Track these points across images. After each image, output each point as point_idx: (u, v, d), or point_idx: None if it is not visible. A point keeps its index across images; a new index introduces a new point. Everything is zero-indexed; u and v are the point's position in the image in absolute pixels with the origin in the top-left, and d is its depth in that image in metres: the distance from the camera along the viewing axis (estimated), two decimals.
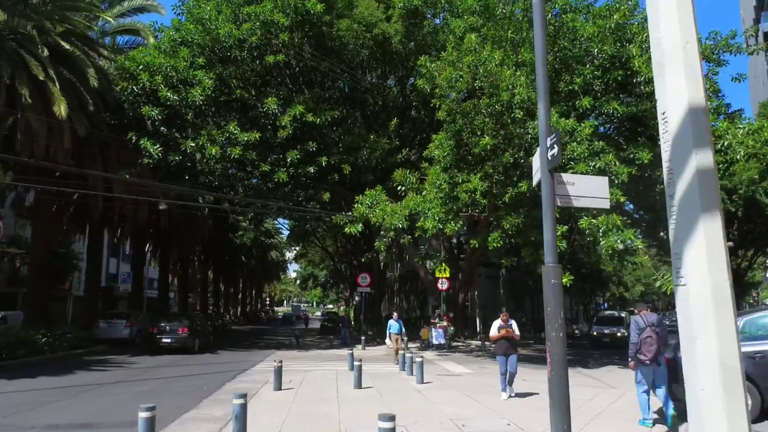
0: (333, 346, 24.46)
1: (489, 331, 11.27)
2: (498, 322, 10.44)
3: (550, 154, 4.87)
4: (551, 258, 4.92)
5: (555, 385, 4.64)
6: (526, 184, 15.90)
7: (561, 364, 4.65)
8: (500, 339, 10.24)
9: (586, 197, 5.05)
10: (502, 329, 10.27)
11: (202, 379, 12.97)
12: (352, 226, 20.71)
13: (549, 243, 4.91)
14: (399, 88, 30.39)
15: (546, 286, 4.82)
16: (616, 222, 14.89)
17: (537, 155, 5.38)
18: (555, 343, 4.63)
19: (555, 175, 4.99)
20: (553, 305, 4.65)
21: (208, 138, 20.43)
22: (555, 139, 4.81)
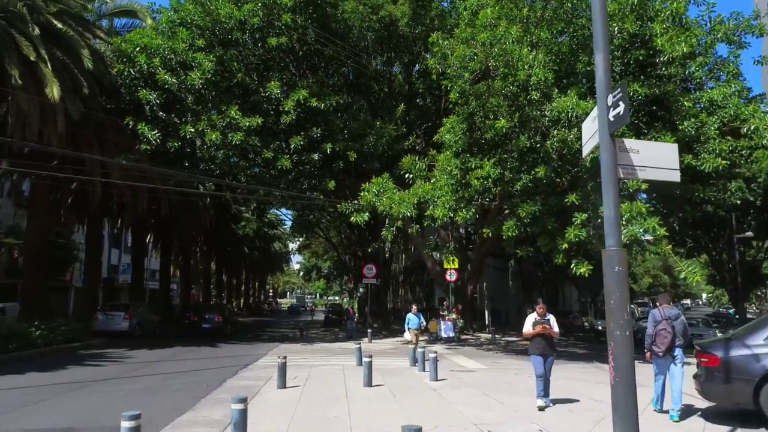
0: (338, 339, 23.74)
1: (498, 324, 10.51)
2: (533, 317, 8.97)
3: (612, 114, 4.03)
4: (613, 240, 4.06)
5: (620, 395, 3.82)
6: (543, 170, 15.06)
7: (628, 370, 3.84)
8: (536, 336, 8.80)
9: (652, 168, 4.21)
10: (537, 325, 8.78)
11: (201, 375, 12.22)
12: (359, 214, 19.92)
13: (611, 221, 4.06)
14: (405, 75, 29.50)
15: (608, 275, 3.99)
16: (641, 210, 14.04)
17: (591, 118, 4.54)
18: (620, 344, 3.81)
19: (617, 141, 4.15)
20: (617, 297, 3.83)
21: (208, 123, 19.60)
22: (620, 94, 3.96)
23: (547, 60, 15.49)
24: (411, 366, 13.93)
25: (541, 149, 15.90)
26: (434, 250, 23.03)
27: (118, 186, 22.08)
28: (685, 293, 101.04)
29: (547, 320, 8.81)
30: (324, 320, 39.08)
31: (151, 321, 24.59)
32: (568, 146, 15.07)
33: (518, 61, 15.01)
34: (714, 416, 7.94)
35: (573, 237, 14.75)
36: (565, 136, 14.99)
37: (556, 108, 15.04)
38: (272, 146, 21.38)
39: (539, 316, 8.89)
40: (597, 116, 4.33)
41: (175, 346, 19.23)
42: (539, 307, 9.04)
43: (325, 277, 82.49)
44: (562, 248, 15.25)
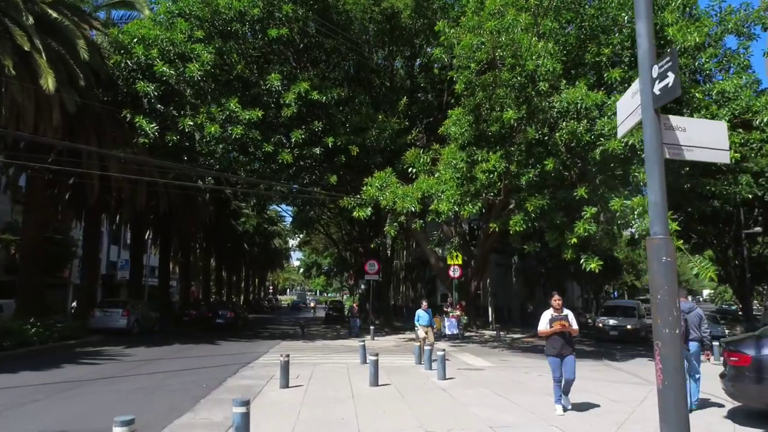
0: (340, 336, 23.35)
1: (501, 321, 10.04)
2: (549, 313, 7.92)
3: (659, 87, 3.60)
4: (660, 227, 3.61)
5: (670, 401, 3.39)
6: (551, 162, 14.62)
7: (678, 372, 3.41)
8: (552, 335, 7.82)
9: (701, 148, 3.78)
10: (555, 322, 7.76)
11: (201, 373, 11.82)
12: (361, 209, 19.48)
13: (657, 207, 3.63)
14: (406, 69, 29.08)
15: (654, 267, 3.56)
16: None
17: (629, 94, 4.12)
18: (669, 344, 3.39)
19: (662, 117, 3.73)
20: (665, 291, 3.40)
21: (207, 116, 19.15)
22: (670, 63, 3.53)
23: (555, 50, 15.05)
24: (416, 364, 13.54)
25: (549, 141, 15.49)
26: (438, 245, 22.65)
27: (116, 181, 21.68)
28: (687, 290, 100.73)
29: (564, 316, 7.81)
30: (325, 317, 38.77)
31: (150, 318, 24.20)
32: (577, 138, 14.66)
33: (526, 50, 14.57)
34: (743, 417, 7.54)
35: (582, 231, 14.36)
36: (574, 127, 14.58)
37: (565, 99, 14.63)
38: (273, 140, 20.93)
39: (555, 311, 7.88)
40: (638, 90, 3.91)
41: (174, 344, 18.83)
42: (555, 300, 7.91)
43: (326, 273, 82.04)
44: (571, 243, 14.85)
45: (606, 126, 14.40)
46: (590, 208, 14.59)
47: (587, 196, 14.73)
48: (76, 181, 25.73)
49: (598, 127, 14.51)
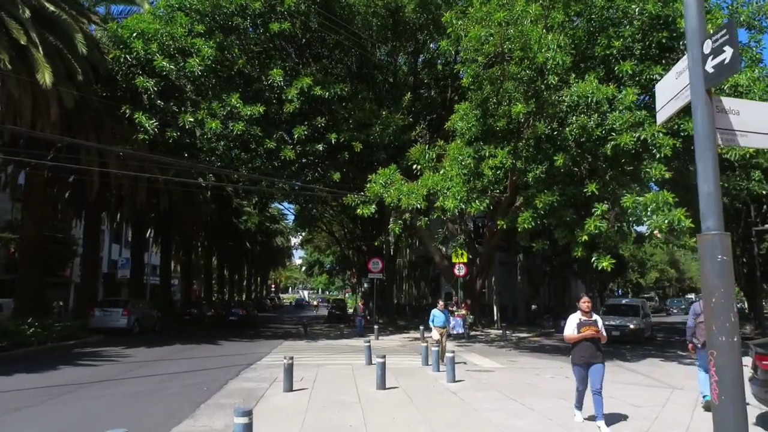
0: (344, 335, 23.00)
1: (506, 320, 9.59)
2: (576, 317, 6.91)
3: (712, 64, 3.20)
4: (714, 221, 3.20)
5: (728, 418, 2.99)
6: (561, 158, 14.22)
7: (736, 386, 3.01)
8: (580, 341, 6.85)
9: (756, 133, 3.39)
10: (584, 327, 6.80)
11: (201, 375, 11.47)
12: (365, 207, 19.09)
13: (710, 198, 3.23)
14: (410, 65, 28.75)
15: (707, 267, 3.17)
16: (668, 199, 13.21)
17: (672, 75, 3.72)
18: (726, 354, 2.99)
19: (714, 99, 3.33)
20: (721, 294, 3.00)
21: (207, 112, 18.80)
22: (726, 36, 3.12)
23: (566, 41, 14.66)
24: (424, 365, 13.16)
25: (558, 137, 15.09)
26: (443, 243, 22.24)
27: (116, 178, 21.37)
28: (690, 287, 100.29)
29: (594, 321, 6.88)
30: (327, 316, 38.41)
31: (151, 317, 23.88)
32: (588, 133, 14.26)
33: (535, 43, 14.17)
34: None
35: (593, 228, 13.97)
36: (585, 122, 14.19)
37: (575, 93, 14.24)
38: (275, 136, 20.60)
39: (584, 314, 6.87)
40: (684, 70, 3.51)
41: (175, 344, 18.49)
42: (584, 303, 6.90)
43: (328, 272, 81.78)
44: (581, 240, 14.47)
45: (618, 120, 14.02)
46: (601, 204, 14.21)
47: (598, 193, 14.35)
48: (76, 179, 25.43)
49: (609, 122, 14.12)
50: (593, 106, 14.44)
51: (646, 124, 14.09)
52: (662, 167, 14.10)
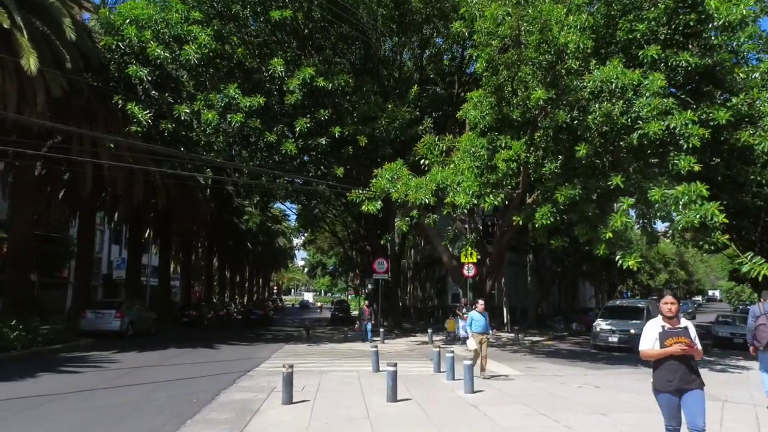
0: (347, 339, 21.96)
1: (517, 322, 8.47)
2: (657, 324, 5.00)
3: None
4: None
5: None
6: (584, 148, 13.17)
7: None
8: (666, 359, 4.89)
9: None
10: (669, 338, 4.83)
11: (193, 384, 10.43)
12: (370, 203, 18.04)
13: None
14: (415, 61, 27.87)
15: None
16: (701, 192, 12.16)
17: None
18: None
19: None
20: None
21: (204, 103, 17.79)
22: None
23: (591, 22, 13.65)
24: (436, 372, 12.12)
25: (580, 125, 14.03)
26: (452, 242, 21.15)
27: (110, 171, 20.44)
28: (698, 290, 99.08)
29: (684, 329, 4.86)
30: (330, 318, 37.37)
31: (146, 319, 22.84)
32: (612, 121, 13.21)
33: (556, 23, 13.13)
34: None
35: (620, 224, 12.91)
36: (608, 110, 13.15)
37: (598, 78, 13.19)
38: (275, 130, 19.58)
39: (668, 320, 4.89)
40: None
41: (170, 348, 17.48)
42: (668, 304, 4.90)
43: (331, 273, 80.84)
44: (605, 237, 13.41)
45: (644, 108, 12.98)
46: (627, 198, 13.15)
47: (623, 186, 13.29)
48: (70, 177, 24.52)
49: (636, 108, 13.08)
50: (617, 92, 13.42)
51: (675, 112, 13.06)
52: (691, 159, 13.06)
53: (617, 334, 18.64)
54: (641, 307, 20.59)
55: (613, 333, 18.77)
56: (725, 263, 45.66)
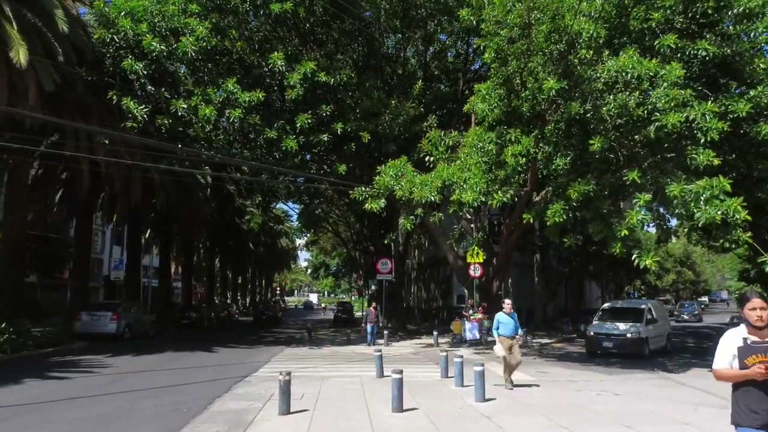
0: (350, 341, 21.33)
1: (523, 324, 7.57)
2: (737, 336, 3.56)
3: None
4: None
5: None
6: (599, 141, 12.51)
7: None
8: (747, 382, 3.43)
9: None
10: (754, 356, 3.30)
11: (186, 391, 9.83)
12: (374, 201, 17.37)
13: None
14: (418, 58, 27.31)
15: None
16: (725, 187, 11.49)
17: None
18: None
19: None
20: None
21: (202, 98, 17.19)
22: None
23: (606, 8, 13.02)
24: (443, 378, 11.48)
25: (593, 118, 13.38)
26: (458, 241, 20.51)
27: (107, 169, 19.90)
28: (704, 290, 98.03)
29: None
30: (333, 320, 36.71)
31: (144, 321, 22.27)
32: (628, 113, 12.56)
33: (569, 10, 12.50)
34: None
35: (636, 221, 12.25)
36: (624, 101, 12.50)
37: (613, 68, 12.55)
38: (276, 126, 19.00)
39: (754, 331, 3.48)
40: None
41: (167, 351, 16.90)
42: (756, 310, 3.46)
43: (334, 274, 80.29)
44: (621, 235, 12.76)
45: (662, 99, 12.32)
46: (643, 194, 12.46)
47: (640, 181, 12.61)
48: (67, 176, 24.01)
49: (653, 99, 12.43)
50: (633, 83, 12.78)
51: (695, 103, 12.40)
52: (710, 153, 12.39)
53: (612, 338, 16.95)
54: (642, 308, 18.68)
55: (607, 337, 17.04)
56: (735, 263, 44.86)
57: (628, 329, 17.09)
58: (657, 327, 18.53)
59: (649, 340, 17.50)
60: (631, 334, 16.88)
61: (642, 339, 17.00)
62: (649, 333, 17.64)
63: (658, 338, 18.42)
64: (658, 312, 19.60)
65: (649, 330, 17.68)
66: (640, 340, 16.90)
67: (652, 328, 17.99)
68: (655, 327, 18.31)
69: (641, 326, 17.31)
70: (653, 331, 18.02)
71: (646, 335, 17.34)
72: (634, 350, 16.74)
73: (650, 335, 17.65)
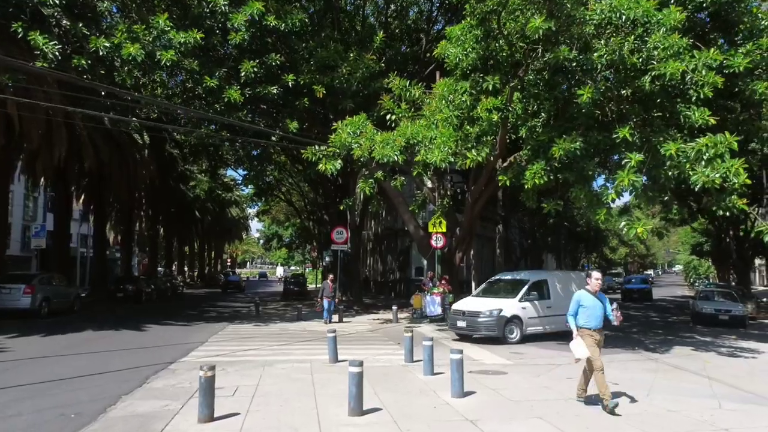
0: (302, 316, 19.46)
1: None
2: None
3: None
4: None
5: None
6: (588, 91, 10.87)
7: None
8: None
9: None
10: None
11: (86, 387, 7.79)
12: (329, 161, 15.38)
13: None
14: (378, 16, 25.32)
15: None
16: (731, 145, 10.11)
17: None
18: None
19: None
20: None
21: (128, 36, 14.65)
22: None
23: None
24: (408, 363, 9.81)
25: (580, 67, 11.76)
26: (421, 207, 18.84)
27: (25, 128, 17.21)
28: (651, 264, 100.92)
29: None
30: (283, 292, 34.69)
31: (67, 295, 19.75)
32: (622, 60, 10.99)
33: None
34: None
35: (627, 183, 10.74)
36: (617, 46, 10.91)
37: (606, 8, 10.90)
38: (217, 74, 16.67)
39: None
40: None
41: (87, 330, 14.66)
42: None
43: (287, 246, 77.85)
44: (608, 200, 11.33)
45: (661, 44, 10.80)
46: (634, 154, 10.93)
47: (631, 139, 11.12)
48: None
49: (649, 45, 10.89)
50: (627, 26, 11.22)
51: (695, 52, 10.95)
52: (706, 111, 11.01)
53: (465, 319, 13.61)
54: (525, 280, 14.76)
55: (462, 317, 13.74)
56: (688, 237, 45.28)
57: (487, 308, 13.49)
58: (552, 304, 14.18)
59: (525, 321, 13.62)
60: (487, 313, 13.28)
61: (505, 319, 13.24)
62: (525, 313, 13.72)
63: (552, 319, 14.00)
64: (564, 285, 15.10)
65: (523, 309, 13.74)
66: (499, 322, 13.13)
67: (531, 306, 13.93)
68: (543, 304, 14.13)
69: (513, 302, 13.67)
70: (534, 310, 13.95)
71: (516, 314, 13.50)
72: (490, 333, 13.07)
73: (527, 315, 13.74)
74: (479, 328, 13.28)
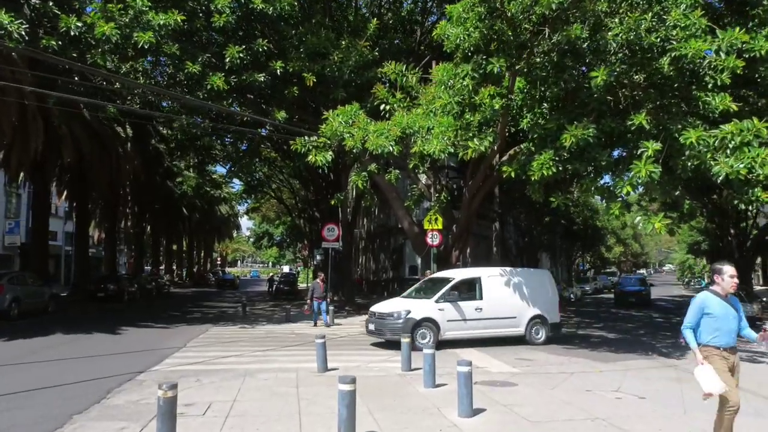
0: (290, 318, 18.43)
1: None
2: None
3: None
4: None
5: None
6: (602, 73, 9.90)
7: None
8: None
9: None
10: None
11: (30, 405, 6.75)
12: (319, 153, 14.42)
13: None
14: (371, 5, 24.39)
15: None
16: (760, 131, 9.20)
17: None
18: None
19: None
20: None
21: (102, 15, 13.58)
22: None
23: None
24: (405, 371, 8.83)
25: (592, 48, 10.82)
26: (417, 202, 17.88)
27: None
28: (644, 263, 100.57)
29: None
30: (274, 292, 33.63)
31: (41, 295, 18.57)
32: (638, 40, 10.06)
33: None
34: None
35: (645, 174, 9.79)
36: (633, 24, 9.97)
37: None
38: (200, 60, 15.60)
39: None
40: None
41: (56, 333, 13.53)
42: None
43: (278, 244, 76.72)
44: (623, 192, 10.39)
45: (681, 22, 9.88)
46: (651, 143, 9.99)
47: (648, 127, 10.20)
48: None
49: (669, 23, 9.96)
50: (643, 3, 10.30)
51: (718, 32, 10.03)
52: (727, 97, 10.13)
53: (374, 321, 12.50)
54: (447, 278, 13.18)
55: (374, 317, 12.61)
56: (685, 236, 44.63)
57: (396, 309, 12.27)
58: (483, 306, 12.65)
59: (442, 324, 12.10)
60: (395, 315, 12.05)
61: (413, 322, 11.81)
62: (443, 315, 12.18)
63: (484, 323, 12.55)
64: (509, 284, 13.49)
65: (440, 311, 12.19)
66: (406, 325, 11.68)
67: (452, 308, 12.33)
68: (470, 306, 12.53)
69: (427, 303, 12.31)
70: (456, 312, 12.34)
71: (428, 317, 12.03)
72: (395, 337, 11.21)
73: (446, 318, 12.18)
74: (384, 332, 12.12)
